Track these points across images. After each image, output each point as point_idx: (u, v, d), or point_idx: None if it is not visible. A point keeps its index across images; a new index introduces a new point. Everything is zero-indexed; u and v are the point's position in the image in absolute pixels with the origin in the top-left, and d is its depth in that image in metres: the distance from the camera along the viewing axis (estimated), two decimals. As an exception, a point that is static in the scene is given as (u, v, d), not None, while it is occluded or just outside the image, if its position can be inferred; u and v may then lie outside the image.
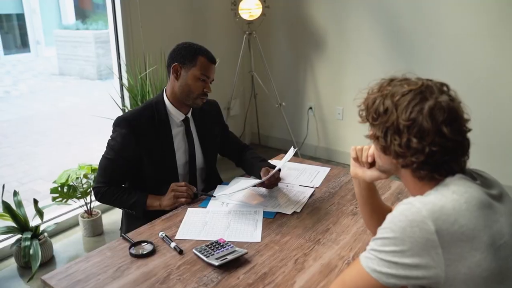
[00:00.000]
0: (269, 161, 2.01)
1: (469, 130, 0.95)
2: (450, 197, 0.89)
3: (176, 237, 1.45)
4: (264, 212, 1.59)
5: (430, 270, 0.85)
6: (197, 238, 1.44)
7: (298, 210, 1.60)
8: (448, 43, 3.17)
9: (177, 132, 1.79)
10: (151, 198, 1.70)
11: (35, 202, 2.49)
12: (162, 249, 1.39)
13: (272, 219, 1.55)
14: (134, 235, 1.48)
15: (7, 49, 11.09)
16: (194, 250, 1.34)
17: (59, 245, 2.77)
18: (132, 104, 2.99)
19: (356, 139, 3.75)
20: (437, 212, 0.86)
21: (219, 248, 1.34)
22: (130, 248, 1.37)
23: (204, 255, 1.31)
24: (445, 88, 0.95)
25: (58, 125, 5.99)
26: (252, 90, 4.13)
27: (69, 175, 2.69)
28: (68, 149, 4.90)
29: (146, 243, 1.40)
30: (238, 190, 1.68)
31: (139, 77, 2.94)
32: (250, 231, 1.47)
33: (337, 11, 3.64)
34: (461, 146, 0.94)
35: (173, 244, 1.39)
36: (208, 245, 1.36)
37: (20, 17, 11.59)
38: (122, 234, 1.47)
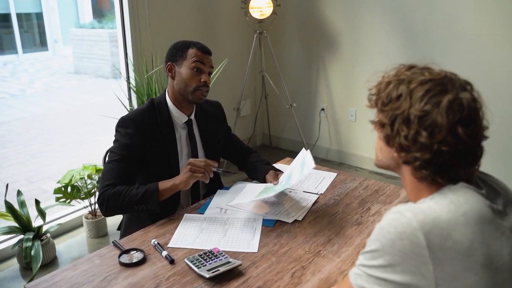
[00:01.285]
0: (274, 164, 1.94)
1: (486, 137, 0.85)
2: (447, 207, 0.80)
3: (169, 245, 1.38)
4: (263, 220, 1.51)
5: None
6: (191, 246, 1.37)
7: (300, 219, 1.52)
8: (466, 42, 3.04)
9: (180, 135, 1.72)
10: (162, 182, 1.55)
11: (37, 202, 2.45)
12: (153, 257, 1.32)
13: (271, 228, 1.47)
14: (126, 241, 1.41)
15: (26, 48, 11.23)
16: (186, 260, 1.27)
17: (62, 246, 2.74)
18: (138, 104, 2.95)
19: (369, 141, 3.65)
20: (429, 224, 0.77)
21: (213, 258, 1.27)
22: (119, 256, 1.31)
23: (196, 266, 1.23)
24: (468, 87, 0.86)
25: (71, 124, 6.00)
26: (262, 90, 4.05)
27: (73, 175, 2.65)
28: (80, 148, 4.90)
29: (136, 251, 1.33)
30: (256, 199, 1.58)
31: (146, 76, 2.89)
32: (247, 241, 1.39)
33: (350, 9, 3.53)
34: (473, 152, 0.84)
35: (164, 253, 1.32)
36: (202, 254, 1.29)
37: (39, 16, 11.75)
38: (114, 240, 1.40)
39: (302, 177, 1.55)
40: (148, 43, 3.10)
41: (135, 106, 3.05)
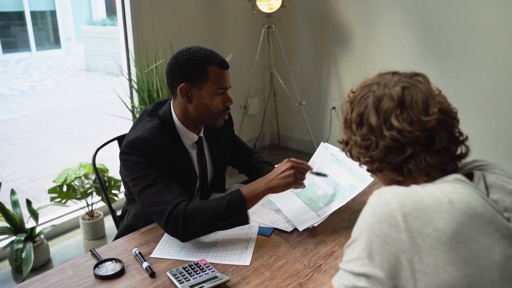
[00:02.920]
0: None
1: (450, 121, 0.82)
2: (432, 193, 0.75)
3: (152, 255, 1.24)
4: (259, 227, 1.36)
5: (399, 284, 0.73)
6: (176, 257, 1.23)
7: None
8: (487, 38, 2.85)
9: (191, 154, 1.50)
10: (246, 187, 1.31)
11: (28, 202, 2.33)
12: (133, 269, 1.18)
13: (267, 237, 1.32)
14: (105, 250, 1.27)
15: (40, 45, 11.26)
16: (168, 273, 1.12)
17: (57, 248, 2.63)
18: (139, 102, 2.82)
19: (381, 142, 3.47)
20: (409, 206, 0.73)
21: (198, 272, 1.12)
22: (95, 267, 1.17)
23: (178, 280, 1.09)
24: (411, 79, 0.85)
25: (77, 121, 5.93)
26: (271, 87, 3.90)
27: (68, 174, 2.53)
28: (84, 146, 4.81)
29: (114, 262, 1.19)
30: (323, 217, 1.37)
31: (146, 71, 2.76)
32: (239, 252, 1.24)
33: (363, 3, 3.36)
34: (431, 139, 0.80)
35: (145, 264, 1.17)
36: (186, 267, 1.14)
37: (53, 14, 11.78)
38: (92, 249, 1.27)
39: (357, 177, 1.38)
40: (151, 37, 2.96)
41: (136, 103, 2.92)
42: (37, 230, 2.44)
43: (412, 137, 0.80)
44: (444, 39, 3.03)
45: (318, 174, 1.41)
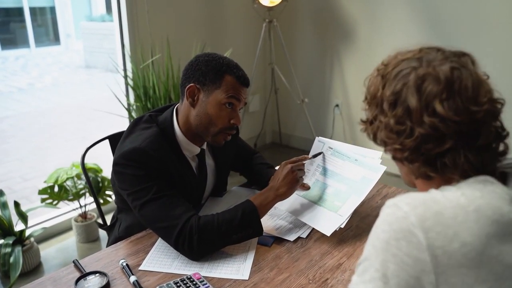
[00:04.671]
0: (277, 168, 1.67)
1: (496, 112, 0.71)
2: (455, 201, 0.66)
3: (142, 267, 1.13)
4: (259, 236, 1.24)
5: None
6: (167, 270, 1.11)
7: (304, 236, 1.25)
8: (499, 32, 2.73)
9: (190, 166, 1.37)
10: (255, 197, 1.24)
11: (16, 204, 2.22)
12: (119, 283, 1.06)
13: (268, 247, 1.20)
14: (90, 261, 1.16)
15: (39, 42, 11.15)
16: (157, 289, 1.01)
17: (48, 251, 2.52)
18: (135, 99, 2.70)
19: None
20: (430, 220, 0.63)
21: (190, 287, 1.01)
22: (76, 282, 1.05)
23: (168, 298, 0.98)
24: (459, 59, 0.72)
25: (75, 119, 5.82)
26: (272, 84, 3.78)
27: (59, 174, 2.42)
28: (82, 144, 4.69)
29: (99, 275, 1.08)
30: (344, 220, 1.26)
31: (141, 66, 2.65)
32: (236, 264, 1.12)
33: (369, -3, 3.24)
34: (474, 132, 0.68)
35: (133, 278, 1.06)
36: (178, 282, 1.03)
37: (53, 10, 11.67)
38: (75, 260, 1.15)
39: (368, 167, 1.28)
40: (147, 31, 2.85)
41: (132, 101, 2.80)
42: (27, 233, 2.33)
43: (456, 128, 0.68)
44: (454, 34, 2.90)
45: (314, 156, 1.37)
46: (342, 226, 1.21)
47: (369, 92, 0.79)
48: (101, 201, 2.54)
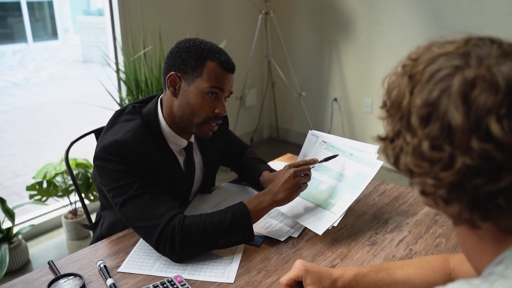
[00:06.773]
0: (274, 162, 1.62)
1: None
2: None
3: (120, 269, 1.05)
4: (248, 236, 1.17)
5: None
6: (148, 272, 1.04)
7: (295, 236, 1.17)
8: (501, 25, 2.65)
9: (177, 161, 1.29)
10: (249, 200, 1.15)
11: (2, 201, 2.15)
12: (95, 287, 0.99)
13: (257, 248, 1.13)
14: (67, 262, 1.09)
15: (37, 37, 11.05)
16: (135, 294, 0.94)
17: (37, 249, 2.45)
18: (127, 93, 2.62)
19: (386, 136, 3.28)
20: None
21: (171, 292, 0.93)
22: (49, 285, 0.98)
23: (146, 303, 0.90)
24: None
25: (70, 114, 5.74)
26: (269, 78, 3.71)
27: (48, 170, 2.35)
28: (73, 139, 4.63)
29: (73, 278, 1.01)
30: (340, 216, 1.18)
31: (132, 58, 2.57)
32: (222, 266, 1.05)
33: (368, -13, 3.16)
34: None
35: (110, 281, 0.99)
36: (157, 285, 0.96)
37: (50, 5, 11.57)
38: (50, 261, 1.08)
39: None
40: (139, 22, 2.76)
41: (124, 95, 2.72)
42: (15, 230, 2.26)
43: None
44: (455, 27, 2.82)
45: (327, 159, 1.23)
46: (335, 225, 1.14)
47: (390, 98, 0.57)
48: (92, 197, 2.47)
